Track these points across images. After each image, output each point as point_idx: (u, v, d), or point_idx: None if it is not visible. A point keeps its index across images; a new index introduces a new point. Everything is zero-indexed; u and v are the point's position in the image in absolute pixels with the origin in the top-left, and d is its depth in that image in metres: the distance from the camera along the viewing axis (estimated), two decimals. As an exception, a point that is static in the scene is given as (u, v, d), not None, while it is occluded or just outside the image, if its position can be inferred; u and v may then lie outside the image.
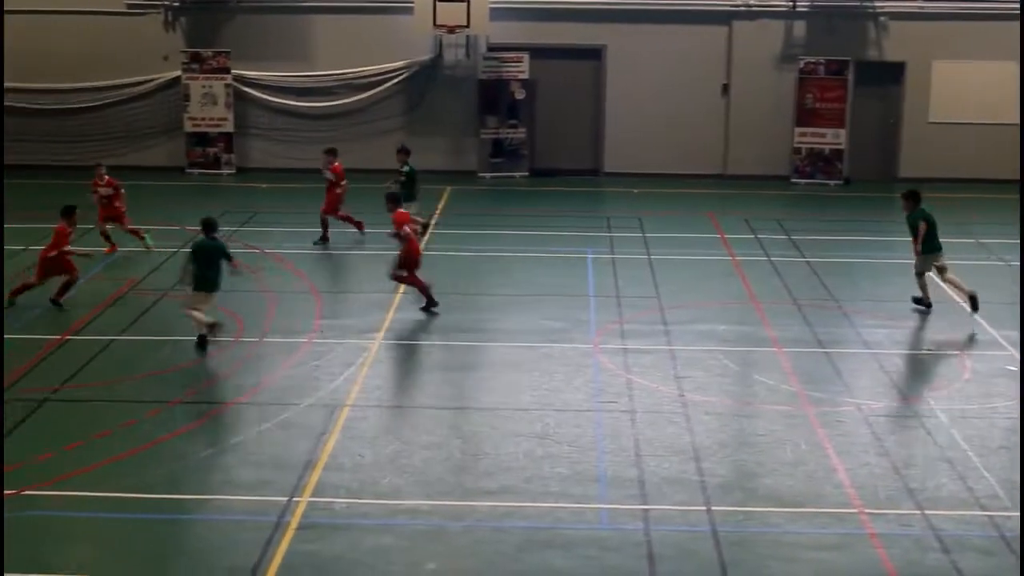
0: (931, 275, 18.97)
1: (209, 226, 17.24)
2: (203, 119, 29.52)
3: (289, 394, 15.37)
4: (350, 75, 29.66)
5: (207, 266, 16.99)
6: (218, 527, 12.05)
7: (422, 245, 20.11)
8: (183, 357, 16.85)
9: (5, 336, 16.13)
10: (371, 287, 19.92)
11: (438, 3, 27.84)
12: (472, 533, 11.91)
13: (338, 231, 23.05)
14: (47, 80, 29.72)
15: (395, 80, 29.64)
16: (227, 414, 14.82)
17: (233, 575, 10.99)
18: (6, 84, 29.44)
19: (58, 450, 13.63)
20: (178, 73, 29.51)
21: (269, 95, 29.81)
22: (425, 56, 29.55)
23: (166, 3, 29.54)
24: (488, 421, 14.62)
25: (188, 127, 29.63)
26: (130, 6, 29.61)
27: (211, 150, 29.59)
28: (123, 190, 22.55)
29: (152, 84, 29.84)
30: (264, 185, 28.15)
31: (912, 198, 19.12)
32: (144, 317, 18.50)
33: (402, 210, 19.02)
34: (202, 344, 16.90)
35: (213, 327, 16.85)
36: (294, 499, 12.47)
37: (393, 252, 18.97)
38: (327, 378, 15.93)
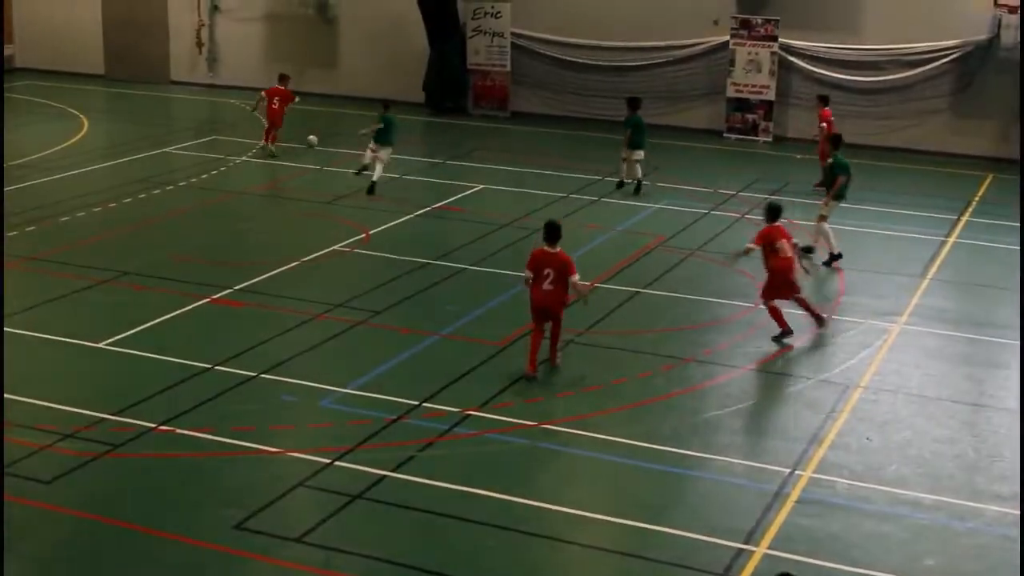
0: None
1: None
2: (746, 85, 29.72)
3: (802, 367, 15.35)
4: (899, 50, 28.85)
5: None
6: (719, 487, 12.27)
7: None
8: (702, 317, 17.20)
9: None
10: (900, 268, 19.43)
11: (1005, -20, 26.55)
12: (977, 536, 11.48)
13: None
14: (613, 38, 30.90)
15: (946, 59, 28.52)
16: (739, 378, 14.99)
17: (729, 536, 11.18)
18: (572, 40, 30.97)
19: (577, 391, 14.35)
20: (726, 38, 29.85)
21: (813, 65, 29.56)
22: (981, 36, 28.22)
23: (723, -32, 29.97)
24: (1008, 423, 13.94)
25: (730, 92, 29.94)
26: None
27: (750, 116, 29.77)
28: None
29: (700, 48, 30.36)
30: (798, 156, 27.99)
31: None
32: (669, 274, 19.00)
33: (775, 226, 16.53)
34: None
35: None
36: (796, 472, 12.49)
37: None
38: (843, 356, 15.76)
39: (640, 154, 23.93)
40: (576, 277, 14.47)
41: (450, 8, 31.57)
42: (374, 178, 23.09)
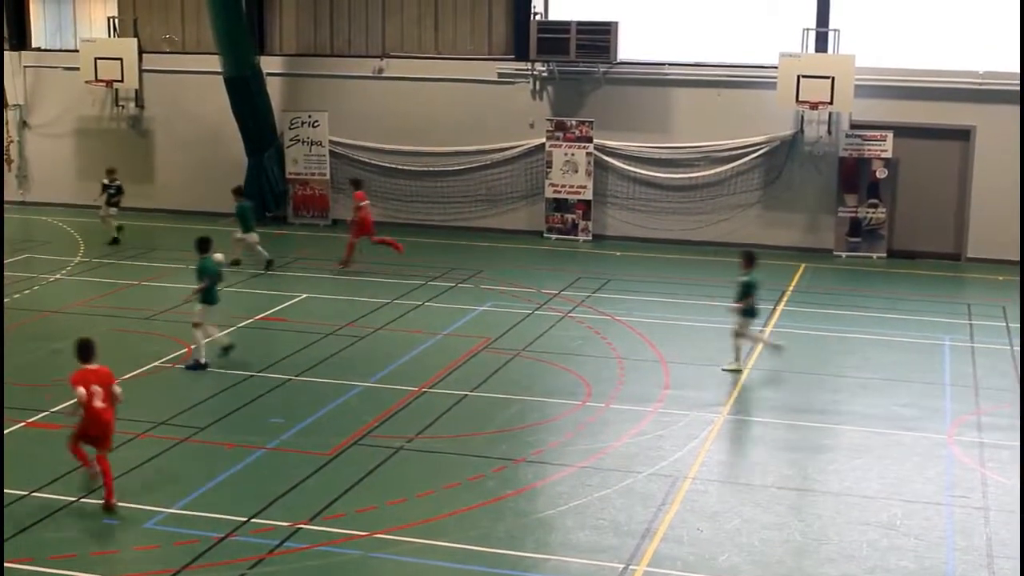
0: None
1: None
2: (563, 186, 30.25)
3: (632, 462, 15.47)
4: (709, 148, 29.78)
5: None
6: (555, 587, 12.23)
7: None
8: (531, 417, 17.26)
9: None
10: (721, 360, 19.81)
11: (802, 79, 27.63)
12: (809, 620, 11.64)
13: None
14: (430, 143, 31.24)
15: (754, 154, 29.54)
16: (570, 476, 15.03)
17: (567, 637, 11.13)
18: (404, 147, 31.18)
19: (410, 497, 14.21)
20: (542, 140, 30.41)
21: (628, 164, 30.28)
22: (786, 131, 29.33)
23: (535, 73, 30.54)
24: (832, 506, 14.26)
25: (548, 193, 30.44)
26: (501, 75, 30.80)
27: (569, 216, 30.27)
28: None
29: (517, 150, 30.86)
30: (618, 253, 28.55)
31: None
32: (496, 375, 19.05)
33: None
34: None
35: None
36: (631, 567, 12.53)
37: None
38: (671, 449, 15.95)
39: (254, 236, 26.49)
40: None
41: (267, 118, 31.53)
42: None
